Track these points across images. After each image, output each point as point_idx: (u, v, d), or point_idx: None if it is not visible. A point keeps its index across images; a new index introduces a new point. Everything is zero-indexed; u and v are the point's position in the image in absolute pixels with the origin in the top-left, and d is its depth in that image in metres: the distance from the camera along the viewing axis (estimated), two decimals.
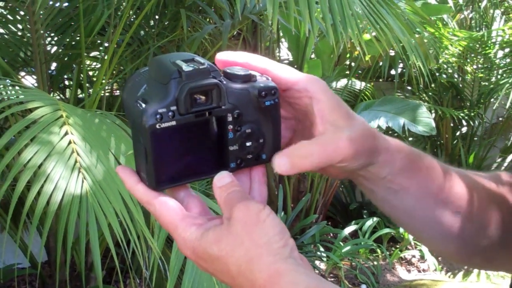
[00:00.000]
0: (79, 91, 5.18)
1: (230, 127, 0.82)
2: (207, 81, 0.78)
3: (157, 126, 0.77)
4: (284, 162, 0.83)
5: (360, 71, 7.89)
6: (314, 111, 0.85)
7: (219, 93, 0.79)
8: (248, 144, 0.84)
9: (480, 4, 8.25)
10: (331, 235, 6.86)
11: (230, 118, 0.81)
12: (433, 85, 7.87)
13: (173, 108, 0.77)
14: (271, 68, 0.86)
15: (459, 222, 0.99)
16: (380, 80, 8.18)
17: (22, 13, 4.62)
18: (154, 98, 0.78)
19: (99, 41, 5.04)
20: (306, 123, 0.90)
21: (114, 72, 5.06)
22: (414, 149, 0.98)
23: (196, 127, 0.80)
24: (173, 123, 0.77)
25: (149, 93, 0.80)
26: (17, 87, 3.61)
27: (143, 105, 0.77)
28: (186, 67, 0.77)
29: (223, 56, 0.86)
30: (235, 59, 0.86)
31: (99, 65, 5.10)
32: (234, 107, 0.81)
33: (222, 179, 0.81)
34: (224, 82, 0.80)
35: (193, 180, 0.85)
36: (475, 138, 8.19)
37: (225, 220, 0.78)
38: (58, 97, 5.24)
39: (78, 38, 4.76)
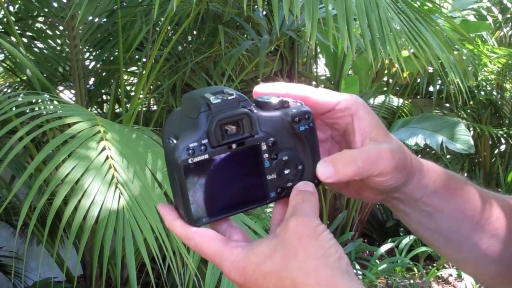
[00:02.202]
0: (116, 106, 5.21)
1: (266, 155, 0.80)
2: (236, 111, 0.77)
3: (190, 161, 0.75)
4: (327, 168, 0.82)
5: (397, 88, 7.86)
6: (354, 128, 0.85)
7: (250, 122, 0.78)
8: (286, 172, 0.82)
9: None
10: (367, 252, 6.82)
11: (264, 147, 0.80)
12: (471, 103, 7.82)
13: (205, 141, 0.76)
14: (311, 94, 0.85)
15: (497, 246, 0.97)
16: (418, 97, 8.15)
17: (61, 28, 4.66)
18: (185, 133, 0.77)
19: (137, 57, 5.07)
20: (342, 144, 0.90)
21: (152, 87, 5.08)
22: (448, 171, 0.97)
23: (231, 159, 0.78)
24: (206, 156, 0.76)
25: (180, 129, 0.79)
26: (55, 102, 3.63)
27: (174, 141, 0.77)
28: (214, 99, 0.76)
29: (261, 89, 0.86)
30: (273, 90, 0.85)
31: (136, 80, 5.13)
32: (268, 135, 0.80)
33: (305, 185, 0.81)
34: (255, 111, 0.79)
35: (232, 214, 0.83)
36: None
37: (280, 231, 0.77)
38: (95, 112, 5.27)
39: (116, 53, 4.80)
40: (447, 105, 8.19)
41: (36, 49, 4.88)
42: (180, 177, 0.76)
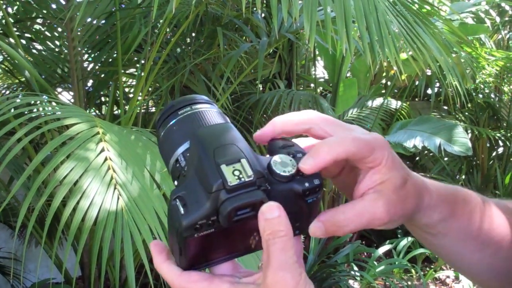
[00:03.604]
0: (115, 107, 5.21)
1: None
2: (251, 198, 0.74)
3: (195, 236, 0.74)
4: (319, 230, 0.81)
5: (396, 90, 7.87)
6: (366, 175, 0.83)
7: (262, 204, 0.74)
8: None
9: None
10: (365, 254, 6.83)
11: None
12: (469, 105, 7.84)
13: (213, 218, 0.73)
14: (357, 148, 0.81)
15: (499, 263, 0.97)
16: (416, 99, 8.17)
17: (60, 29, 4.66)
18: (194, 206, 0.74)
19: (135, 58, 5.07)
20: (356, 169, 0.87)
21: (150, 89, 5.08)
22: (459, 195, 0.95)
23: (234, 226, 0.75)
24: (212, 230, 0.74)
25: (189, 195, 0.75)
26: (54, 103, 3.63)
27: (181, 210, 0.74)
28: (230, 179, 0.73)
29: (311, 170, 0.80)
30: (326, 165, 0.80)
31: (135, 82, 5.13)
32: None
33: (270, 211, 0.74)
34: (269, 188, 0.76)
35: (224, 261, 0.82)
36: None
37: (262, 281, 0.74)
38: (94, 114, 5.27)
39: (115, 55, 4.79)
40: (445, 107, 8.21)
41: (34, 51, 4.88)
42: (181, 243, 0.75)
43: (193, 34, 5.45)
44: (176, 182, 0.81)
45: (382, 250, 6.44)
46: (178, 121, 0.85)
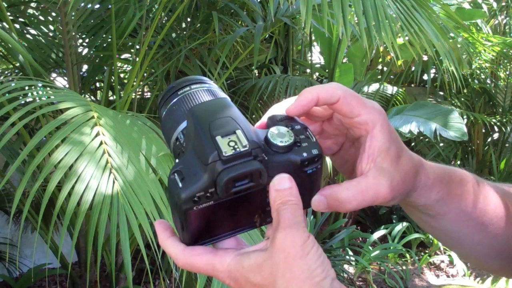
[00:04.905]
0: (110, 93, 5.19)
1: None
2: (248, 168, 0.74)
3: (194, 208, 0.74)
4: (322, 204, 0.81)
5: (392, 76, 7.86)
6: (365, 146, 0.83)
7: (260, 175, 0.75)
8: None
9: None
10: (360, 239, 6.85)
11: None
12: (465, 91, 7.84)
13: (211, 190, 0.74)
14: (344, 95, 0.82)
15: (500, 244, 0.97)
16: (412, 85, 8.18)
17: (54, 14, 4.64)
18: (192, 178, 0.74)
19: (130, 43, 5.05)
20: (355, 143, 0.89)
21: (145, 74, 5.07)
22: (455, 175, 0.95)
23: (234, 199, 0.76)
24: (211, 203, 0.75)
25: (187, 168, 0.76)
26: (48, 88, 3.61)
27: (180, 184, 0.74)
28: (225, 149, 0.73)
29: (295, 109, 0.83)
30: (305, 101, 0.83)
31: (130, 67, 5.11)
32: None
33: (281, 182, 0.76)
34: (266, 158, 0.76)
35: (228, 237, 0.82)
36: (507, 145, 8.13)
37: (269, 246, 0.75)
38: (89, 99, 5.25)
39: (109, 40, 4.78)
40: (441, 93, 8.22)
41: (28, 36, 4.86)
42: (182, 218, 0.76)
43: (188, 19, 5.43)
44: (177, 160, 0.81)
45: (377, 235, 6.47)
46: (178, 101, 0.86)
